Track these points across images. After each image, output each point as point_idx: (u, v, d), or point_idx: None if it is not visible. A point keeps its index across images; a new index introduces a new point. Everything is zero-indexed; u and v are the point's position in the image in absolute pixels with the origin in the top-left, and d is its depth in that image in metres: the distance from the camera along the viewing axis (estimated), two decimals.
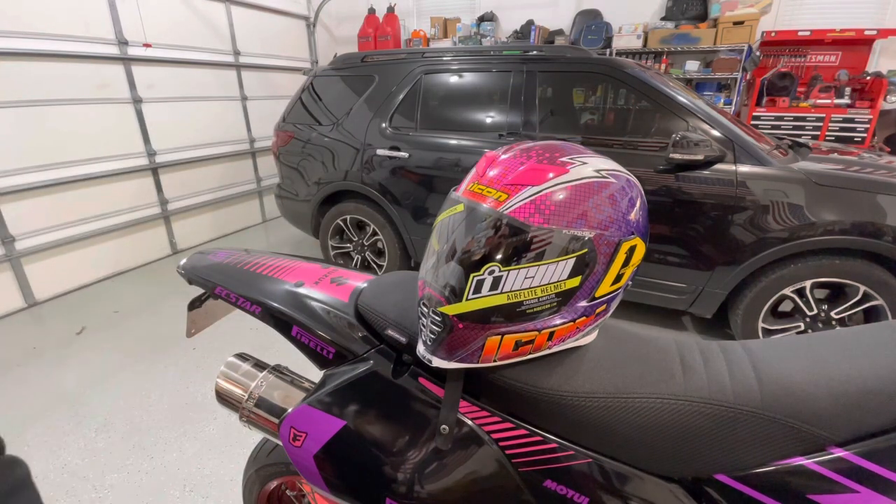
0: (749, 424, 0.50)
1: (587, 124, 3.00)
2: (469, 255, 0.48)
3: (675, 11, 4.55)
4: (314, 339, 0.73)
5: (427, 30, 5.51)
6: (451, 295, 0.50)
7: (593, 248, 0.47)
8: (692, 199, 2.11)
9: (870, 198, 1.86)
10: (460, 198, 0.52)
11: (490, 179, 0.50)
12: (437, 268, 0.52)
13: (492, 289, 0.48)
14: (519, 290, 0.48)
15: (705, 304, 2.24)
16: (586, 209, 0.47)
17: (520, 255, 0.47)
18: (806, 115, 4.18)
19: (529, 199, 0.47)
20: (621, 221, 0.49)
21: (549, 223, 0.46)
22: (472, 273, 0.48)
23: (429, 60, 2.78)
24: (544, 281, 0.47)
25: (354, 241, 3.09)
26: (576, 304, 0.50)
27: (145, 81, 3.40)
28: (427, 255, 0.55)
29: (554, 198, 0.47)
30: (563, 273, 0.47)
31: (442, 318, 0.51)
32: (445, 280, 0.51)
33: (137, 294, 3.01)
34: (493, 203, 0.48)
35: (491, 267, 0.47)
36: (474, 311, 0.49)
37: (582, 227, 0.47)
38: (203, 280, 0.86)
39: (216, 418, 1.83)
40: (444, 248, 0.51)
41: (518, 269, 0.47)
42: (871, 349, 0.56)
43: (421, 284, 0.55)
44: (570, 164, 0.49)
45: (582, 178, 0.48)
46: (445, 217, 0.53)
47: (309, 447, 0.68)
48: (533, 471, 0.58)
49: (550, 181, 0.48)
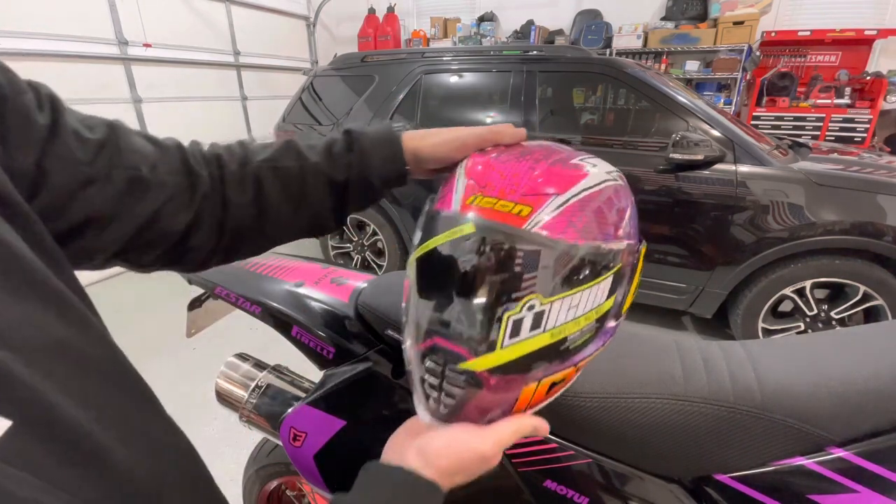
0: (749, 424, 0.50)
1: (587, 124, 3.00)
2: (499, 288, 0.37)
3: (675, 11, 4.55)
4: (314, 339, 0.73)
5: (427, 30, 5.51)
6: (479, 345, 0.38)
7: (625, 259, 0.40)
8: (692, 199, 2.11)
9: (870, 198, 1.86)
10: (464, 216, 0.38)
11: (499, 189, 0.39)
12: (442, 311, 0.40)
13: (533, 328, 0.37)
14: (564, 323, 0.38)
15: (705, 304, 2.24)
16: (615, 217, 0.40)
17: (562, 281, 0.37)
18: (806, 115, 4.18)
19: (559, 210, 0.37)
20: (636, 226, 0.43)
21: (585, 238, 0.37)
22: (507, 313, 0.37)
23: (429, 60, 2.78)
24: (587, 308, 0.38)
25: (354, 241, 3.09)
26: (607, 325, 0.42)
27: (145, 81, 3.40)
28: (412, 297, 0.43)
29: (584, 207, 0.38)
30: (602, 295, 0.39)
31: (466, 377, 0.39)
32: (464, 326, 0.38)
33: (137, 294, 3.01)
34: (514, 219, 0.37)
35: (530, 301, 0.36)
36: (513, 360, 0.38)
37: (615, 239, 0.39)
38: (203, 280, 0.86)
39: (216, 418, 1.83)
40: (453, 285, 0.39)
41: (563, 299, 0.37)
42: (871, 349, 0.56)
43: (413, 331, 0.42)
44: (582, 165, 0.41)
45: (602, 182, 0.40)
46: (442, 243, 0.39)
47: (309, 447, 0.68)
48: (533, 471, 0.58)
49: (576, 187, 0.38)
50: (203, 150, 0.46)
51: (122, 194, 0.37)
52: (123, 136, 0.39)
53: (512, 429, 0.39)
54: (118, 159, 0.37)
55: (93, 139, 0.36)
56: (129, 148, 0.38)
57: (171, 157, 0.42)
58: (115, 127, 0.39)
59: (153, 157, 0.40)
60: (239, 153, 0.46)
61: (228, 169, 0.45)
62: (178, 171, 0.41)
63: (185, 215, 0.42)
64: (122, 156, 0.37)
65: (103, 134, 0.37)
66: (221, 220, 0.44)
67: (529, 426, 0.40)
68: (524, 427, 0.40)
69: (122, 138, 0.38)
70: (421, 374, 0.42)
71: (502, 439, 0.39)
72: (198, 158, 0.44)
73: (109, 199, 0.36)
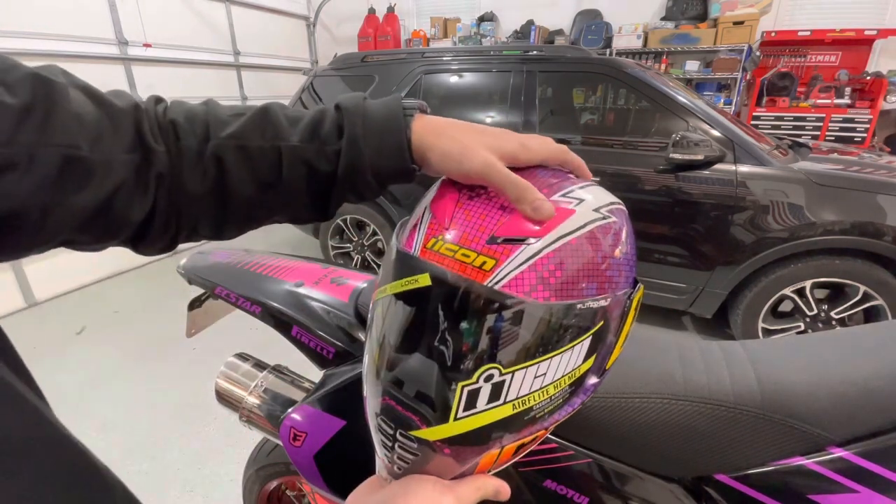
0: (749, 424, 0.50)
1: (587, 124, 3.00)
2: (450, 355, 0.31)
3: (675, 11, 4.55)
4: (314, 339, 0.73)
5: (427, 30, 5.51)
6: (430, 412, 0.33)
7: (609, 315, 0.34)
8: (692, 199, 2.11)
9: (870, 198, 1.86)
10: (420, 262, 0.32)
11: (461, 234, 0.32)
12: (393, 367, 0.34)
13: (491, 401, 0.32)
14: (528, 394, 0.32)
15: (705, 304, 2.24)
16: (598, 268, 0.33)
17: (527, 348, 0.31)
18: (806, 115, 4.19)
19: (529, 262, 0.31)
20: (629, 270, 0.36)
21: (559, 296, 0.31)
22: (460, 382, 0.31)
23: (429, 60, 2.78)
24: (558, 375, 0.33)
25: (354, 241, 3.09)
26: (587, 384, 0.36)
27: (145, 81, 3.40)
28: (372, 341, 0.37)
29: (561, 258, 0.31)
30: (579, 358, 0.33)
31: (418, 444, 0.34)
32: (416, 388, 0.33)
33: (137, 294, 3.01)
34: (475, 273, 0.31)
35: (488, 371, 0.31)
36: (469, 432, 0.33)
37: (596, 294, 0.33)
38: (203, 280, 0.86)
39: (216, 418, 1.83)
40: (406, 339, 0.33)
41: (526, 368, 0.31)
42: (870, 349, 0.56)
43: (371, 384, 0.37)
44: (568, 202, 0.33)
45: (588, 223, 0.33)
46: (399, 290, 0.33)
47: (309, 447, 0.68)
48: (533, 471, 0.58)
49: (554, 233, 0.32)
50: (159, 111, 0.36)
51: (55, 181, 0.27)
52: (57, 98, 0.28)
53: (473, 487, 0.36)
54: (47, 133, 0.27)
55: (11, 104, 0.25)
56: (63, 115, 0.28)
57: (122, 126, 0.32)
58: (46, 83, 0.28)
59: (96, 125, 0.30)
60: (201, 123, 0.36)
61: (185, 144, 0.35)
62: (130, 145, 0.32)
63: (141, 204, 0.33)
64: (52, 127, 0.27)
65: (27, 97, 0.26)
66: (179, 208, 0.36)
67: (492, 488, 0.36)
68: (487, 489, 0.36)
69: (55, 101, 0.28)
70: (376, 432, 0.37)
71: (463, 498, 0.35)
72: (153, 126, 0.34)
73: (37, 188, 0.26)
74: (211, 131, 0.36)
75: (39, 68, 0.28)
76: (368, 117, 0.37)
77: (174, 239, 0.38)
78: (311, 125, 0.37)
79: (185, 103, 0.38)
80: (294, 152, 0.37)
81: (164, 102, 0.37)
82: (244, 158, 0.36)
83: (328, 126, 0.37)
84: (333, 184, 0.38)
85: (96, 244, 0.34)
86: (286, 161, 0.37)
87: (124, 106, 0.33)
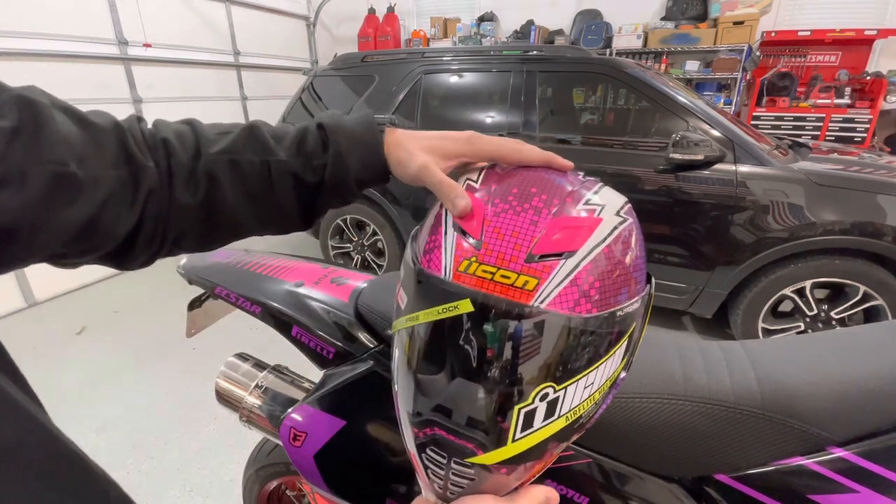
0: (749, 424, 0.50)
1: (587, 124, 3.00)
2: (504, 379, 0.31)
3: (675, 11, 4.56)
4: (314, 339, 0.73)
5: (427, 30, 5.51)
6: (486, 438, 0.33)
7: (638, 315, 0.35)
8: (692, 199, 2.11)
9: (870, 198, 1.86)
10: (457, 287, 0.32)
11: (497, 255, 0.32)
12: (440, 396, 0.34)
13: (546, 417, 0.32)
14: (579, 404, 0.33)
15: (705, 304, 2.24)
16: (627, 272, 0.34)
17: (578, 363, 0.32)
18: (806, 115, 4.19)
19: (569, 277, 0.31)
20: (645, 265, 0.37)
21: (598, 308, 0.31)
22: (517, 406, 0.32)
23: (429, 60, 2.78)
24: (602, 380, 0.34)
25: (354, 240, 3.09)
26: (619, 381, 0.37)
27: (145, 81, 3.40)
28: (401, 369, 0.36)
29: (597, 269, 0.32)
30: (618, 360, 0.34)
31: (475, 469, 0.34)
32: (467, 416, 0.33)
33: (137, 294, 3.01)
34: (518, 294, 0.30)
35: (543, 391, 0.31)
36: (526, 450, 0.33)
37: (628, 298, 0.33)
38: (203, 280, 0.86)
39: (216, 418, 1.83)
40: (452, 370, 0.33)
41: (577, 381, 0.32)
42: (870, 349, 0.56)
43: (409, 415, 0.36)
44: (591, 210, 0.34)
45: (615, 227, 0.34)
46: (436, 318, 0.32)
47: (309, 447, 0.68)
48: None
49: (588, 244, 0.32)
50: (146, 130, 0.38)
51: (46, 197, 0.29)
52: (43, 120, 0.29)
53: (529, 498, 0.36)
54: (37, 151, 0.28)
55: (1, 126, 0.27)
56: (50, 134, 0.29)
57: (106, 144, 0.33)
58: (31, 104, 0.29)
59: (81, 144, 0.32)
60: (190, 140, 0.38)
61: (177, 160, 0.37)
62: (115, 161, 0.34)
63: (128, 218, 0.35)
64: (41, 146, 0.28)
65: (15, 119, 0.28)
66: (166, 221, 0.38)
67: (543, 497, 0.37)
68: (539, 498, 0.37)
69: (42, 122, 0.29)
70: (422, 462, 0.36)
71: None
72: (140, 143, 0.36)
73: (29, 204, 0.28)
74: (201, 148, 0.39)
75: (23, 89, 0.30)
76: (350, 135, 0.41)
77: (156, 254, 0.40)
78: (296, 141, 0.41)
79: (170, 122, 0.41)
80: (282, 166, 0.40)
81: (145, 121, 0.39)
82: (236, 172, 0.39)
83: (312, 142, 0.41)
84: (319, 192, 0.42)
85: (80, 258, 0.35)
86: (275, 174, 0.40)
87: (105, 124, 0.35)
